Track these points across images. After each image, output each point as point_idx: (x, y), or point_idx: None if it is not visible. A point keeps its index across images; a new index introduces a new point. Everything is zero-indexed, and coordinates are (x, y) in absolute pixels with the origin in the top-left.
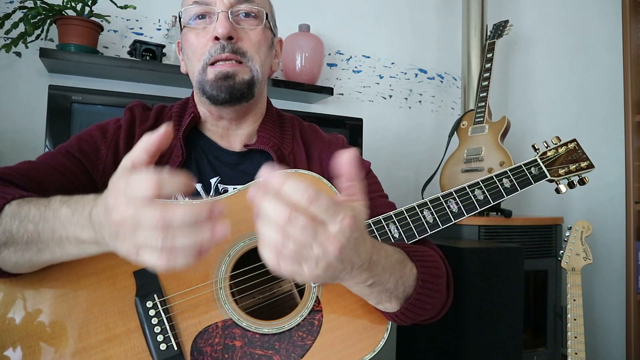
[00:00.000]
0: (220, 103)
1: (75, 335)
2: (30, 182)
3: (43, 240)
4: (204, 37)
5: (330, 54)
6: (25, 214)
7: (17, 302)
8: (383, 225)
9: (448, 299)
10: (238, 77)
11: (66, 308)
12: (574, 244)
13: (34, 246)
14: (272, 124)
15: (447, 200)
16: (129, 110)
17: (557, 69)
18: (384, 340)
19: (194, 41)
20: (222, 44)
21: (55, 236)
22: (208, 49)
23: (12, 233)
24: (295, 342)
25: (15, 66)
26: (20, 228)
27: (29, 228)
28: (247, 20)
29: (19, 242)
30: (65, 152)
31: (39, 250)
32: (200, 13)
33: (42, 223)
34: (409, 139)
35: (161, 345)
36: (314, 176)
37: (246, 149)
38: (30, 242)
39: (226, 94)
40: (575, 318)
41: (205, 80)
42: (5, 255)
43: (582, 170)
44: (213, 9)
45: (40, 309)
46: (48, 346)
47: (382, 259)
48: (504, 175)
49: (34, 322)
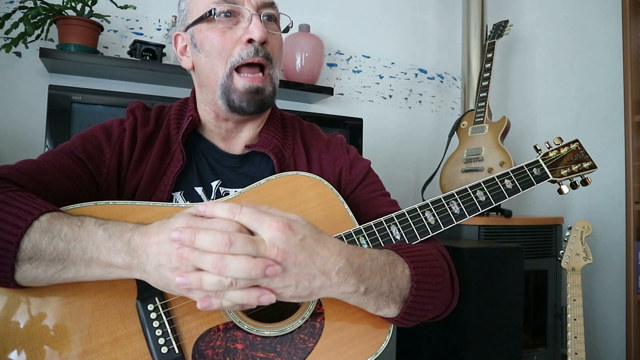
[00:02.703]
0: (246, 114)
1: (76, 338)
2: (37, 185)
3: (71, 258)
4: (231, 38)
5: (330, 54)
6: (57, 232)
7: (20, 305)
8: (385, 227)
9: (453, 296)
10: (267, 91)
11: (67, 311)
12: (574, 244)
13: (59, 264)
14: (275, 126)
15: (449, 202)
16: (131, 112)
17: (557, 69)
18: (386, 343)
19: (219, 40)
20: (256, 48)
21: (86, 256)
22: (237, 50)
23: (41, 249)
24: (297, 345)
25: (15, 66)
26: (50, 245)
27: (60, 246)
28: (271, 25)
29: (45, 258)
30: (69, 152)
31: (64, 267)
32: (228, 11)
33: (74, 242)
34: (409, 139)
35: (162, 349)
36: (314, 178)
37: (247, 150)
38: (57, 259)
39: (256, 107)
40: (575, 318)
41: (232, 88)
42: (26, 269)
43: (585, 171)
44: (241, 9)
45: (42, 312)
46: (50, 349)
47: (367, 262)
48: (506, 176)
49: (36, 325)
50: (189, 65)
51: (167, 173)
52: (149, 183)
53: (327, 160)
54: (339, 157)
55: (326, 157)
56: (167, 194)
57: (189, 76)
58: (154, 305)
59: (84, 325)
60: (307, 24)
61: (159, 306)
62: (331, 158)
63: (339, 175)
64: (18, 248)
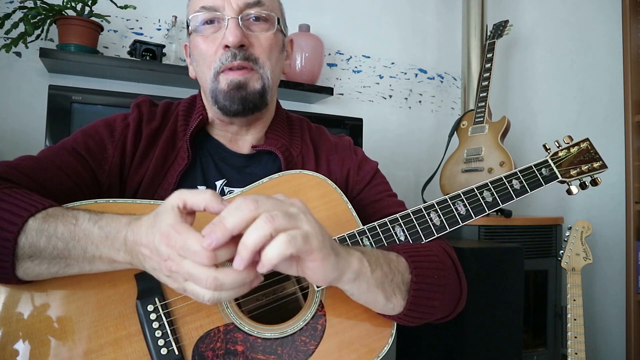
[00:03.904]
0: (233, 114)
1: (75, 339)
2: (34, 183)
3: (73, 257)
4: (214, 44)
5: (330, 54)
6: (53, 231)
7: (18, 305)
8: (389, 227)
9: (461, 295)
10: (250, 87)
11: (67, 312)
12: (574, 244)
13: (62, 262)
14: (281, 126)
15: (455, 202)
16: (136, 107)
17: (557, 69)
18: (389, 346)
19: (203, 48)
20: (233, 52)
21: (88, 255)
22: (219, 56)
23: (40, 249)
24: (298, 347)
25: (15, 66)
26: (48, 245)
27: (59, 245)
28: (257, 25)
29: (46, 257)
30: (70, 148)
31: (67, 265)
32: (208, 19)
33: (73, 242)
34: (409, 139)
35: (162, 350)
36: (317, 177)
37: (254, 150)
38: (58, 257)
39: (239, 105)
40: (575, 318)
41: (218, 89)
42: (28, 266)
43: (595, 171)
44: (221, 15)
45: (41, 312)
46: (49, 350)
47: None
48: (514, 177)
49: (35, 325)
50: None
51: (171, 171)
52: (152, 180)
53: (335, 161)
54: (346, 159)
55: (334, 158)
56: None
57: (188, 76)
58: (154, 305)
59: (83, 326)
60: (307, 24)
61: (159, 307)
62: (339, 159)
63: (346, 177)
64: (16, 245)
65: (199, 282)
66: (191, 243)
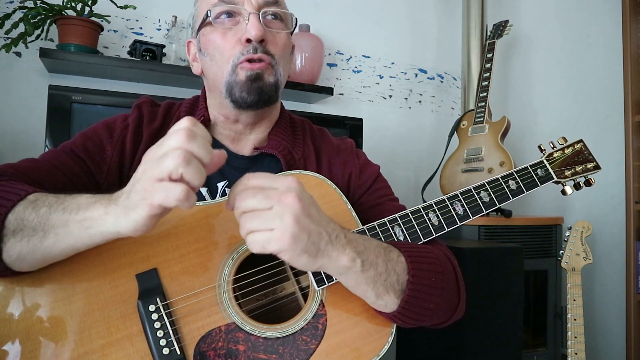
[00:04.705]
0: (248, 106)
1: (76, 339)
2: (30, 180)
3: (51, 222)
4: (232, 38)
5: (330, 54)
6: (42, 201)
7: (18, 305)
8: (388, 227)
9: (459, 302)
10: (266, 79)
11: (67, 311)
12: (574, 244)
13: (40, 231)
14: (284, 128)
15: (453, 202)
16: (137, 107)
17: (557, 69)
18: (389, 345)
19: (221, 42)
20: (254, 46)
21: (65, 215)
22: (239, 50)
23: (24, 218)
24: (299, 346)
25: (15, 66)
26: (33, 212)
27: (42, 211)
28: (275, 23)
29: (27, 227)
30: (69, 150)
31: (44, 234)
32: (226, 11)
33: (57, 205)
34: (408, 139)
35: (164, 350)
36: (317, 177)
37: (256, 152)
38: (38, 226)
39: (255, 95)
40: (575, 318)
41: (236, 81)
42: (11, 244)
43: (589, 172)
44: (241, 9)
45: (41, 312)
46: (49, 350)
47: (359, 238)
48: (510, 177)
49: (36, 326)
50: (198, 71)
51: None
52: None
53: (337, 164)
54: (348, 162)
55: (336, 161)
56: None
57: (189, 76)
58: (156, 305)
59: (84, 326)
60: (307, 24)
61: (161, 307)
62: (341, 163)
63: (348, 180)
64: (3, 225)
65: (172, 141)
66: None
